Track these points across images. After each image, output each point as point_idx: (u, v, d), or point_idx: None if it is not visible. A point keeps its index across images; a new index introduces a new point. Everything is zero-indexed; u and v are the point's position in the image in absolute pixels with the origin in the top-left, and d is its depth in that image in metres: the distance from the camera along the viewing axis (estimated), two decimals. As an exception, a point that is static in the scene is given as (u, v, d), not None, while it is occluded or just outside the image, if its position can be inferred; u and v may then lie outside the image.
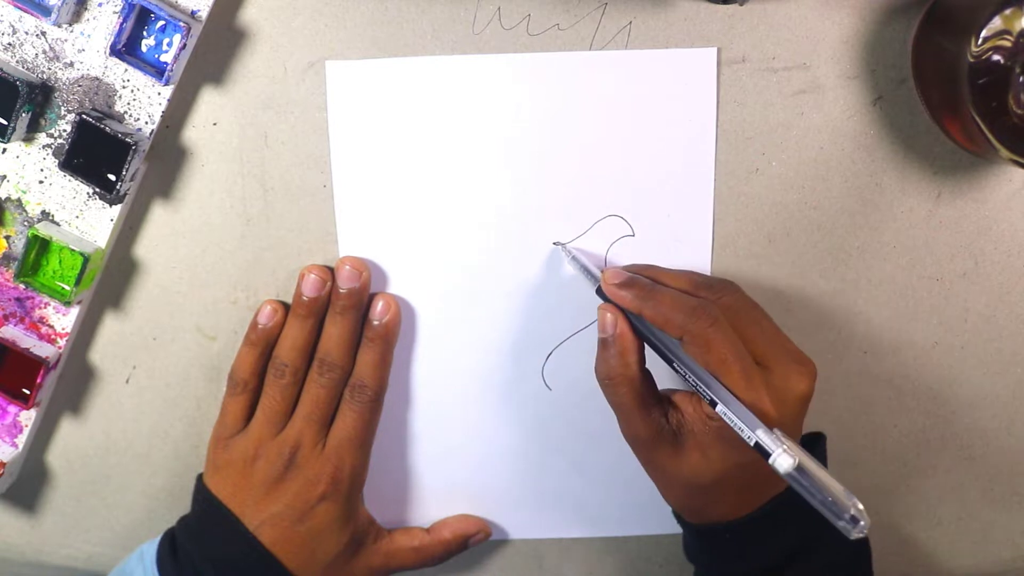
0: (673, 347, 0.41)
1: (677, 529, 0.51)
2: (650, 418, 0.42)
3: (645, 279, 0.43)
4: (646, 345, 0.43)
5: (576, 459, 0.51)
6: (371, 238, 0.48)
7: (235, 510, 0.46)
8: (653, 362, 0.43)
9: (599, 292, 0.44)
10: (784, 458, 0.36)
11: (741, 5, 0.45)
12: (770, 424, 0.38)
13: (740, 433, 0.38)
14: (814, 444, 0.46)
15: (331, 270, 0.48)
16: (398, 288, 0.49)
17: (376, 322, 0.47)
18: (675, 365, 0.41)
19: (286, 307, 0.48)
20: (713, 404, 0.39)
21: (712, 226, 0.48)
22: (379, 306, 0.47)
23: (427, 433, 0.51)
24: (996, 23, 0.39)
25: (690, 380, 0.40)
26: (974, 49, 0.40)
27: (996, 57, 0.40)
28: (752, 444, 0.37)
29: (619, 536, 0.52)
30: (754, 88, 0.46)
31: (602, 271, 0.44)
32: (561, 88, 0.46)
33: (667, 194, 0.47)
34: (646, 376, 0.43)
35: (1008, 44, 0.40)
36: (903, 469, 0.51)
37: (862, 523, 0.34)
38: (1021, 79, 0.40)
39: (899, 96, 0.46)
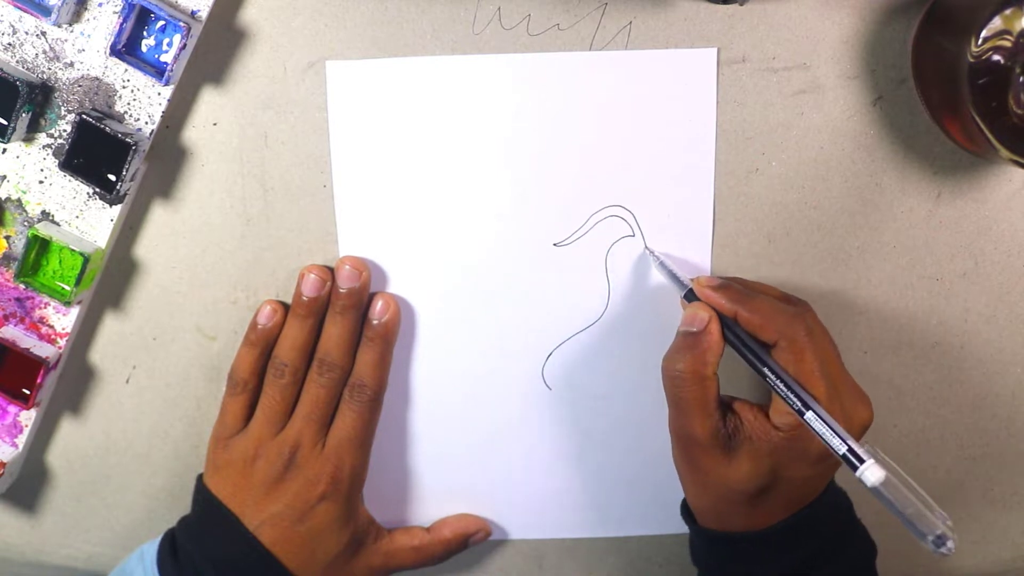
0: (761, 351, 0.41)
1: (677, 529, 0.52)
2: (710, 420, 0.42)
3: (738, 285, 0.44)
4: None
5: (576, 459, 0.51)
6: (371, 238, 0.48)
7: (235, 510, 0.46)
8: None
9: (688, 296, 0.44)
10: (874, 470, 0.36)
11: (741, 5, 0.45)
12: None
13: (829, 442, 0.38)
14: None
15: (331, 270, 0.48)
16: (398, 288, 0.49)
17: (376, 321, 0.47)
18: (763, 370, 0.41)
19: (285, 307, 0.48)
20: (801, 413, 0.39)
21: (712, 226, 0.48)
22: (379, 305, 0.47)
23: (427, 433, 0.51)
24: (996, 23, 0.39)
25: (775, 387, 0.40)
26: (974, 49, 0.40)
27: (996, 57, 0.40)
28: (841, 453, 0.37)
29: (619, 536, 0.52)
30: (754, 88, 0.46)
31: (693, 278, 0.45)
32: (561, 88, 0.46)
33: (667, 194, 0.47)
34: (716, 379, 0.43)
35: (1008, 44, 0.40)
36: (903, 469, 0.51)
37: (949, 542, 0.34)
38: (1021, 79, 0.40)
39: (899, 96, 0.46)
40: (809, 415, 0.39)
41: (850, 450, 0.37)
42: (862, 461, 0.36)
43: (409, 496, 0.51)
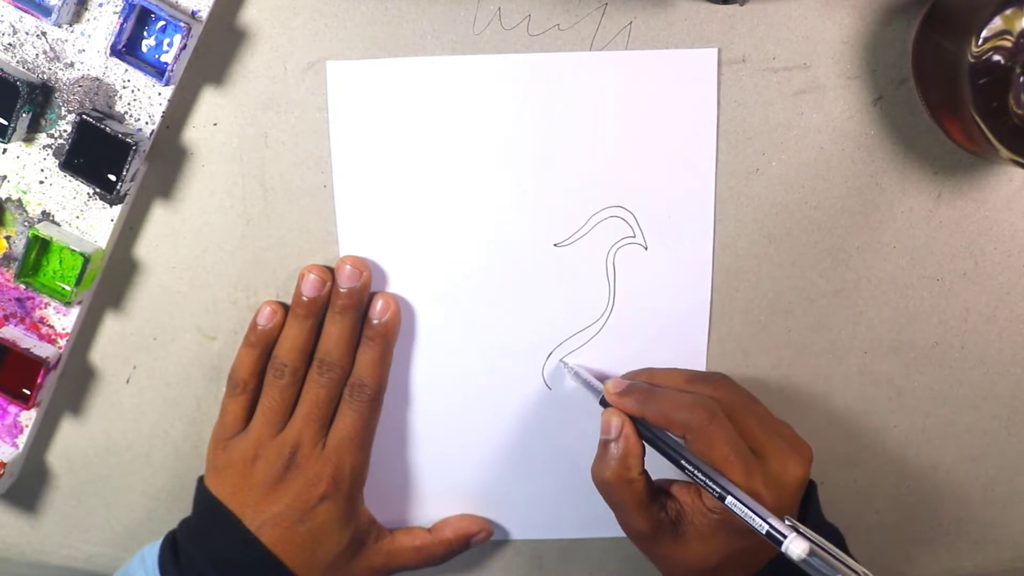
0: (677, 446, 0.42)
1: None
2: (649, 514, 0.43)
3: (643, 384, 0.45)
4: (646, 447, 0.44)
5: (576, 459, 0.51)
6: (371, 238, 0.48)
7: (236, 511, 0.46)
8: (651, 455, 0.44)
9: (602, 403, 0.45)
10: (797, 543, 0.37)
11: (741, 5, 0.45)
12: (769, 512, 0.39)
13: (751, 523, 0.39)
14: (807, 494, 0.46)
15: (331, 270, 0.48)
16: (398, 288, 0.49)
17: (376, 321, 0.47)
18: (680, 463, 0.42)
19: (285, 308, 0.48)
20: (721, 499, 0.40)
21: (712, 226, 0.48)
22: (379, 305, 0.47)
23: (427, 433, 0.51)
24: (996, 23, 0.39)
25: (695, 476, 0.41)
26: (974, 49, 0.40)
27: (996, 57, 0.40)
28: (764, 533, 0.38)
29: (619, 536, 0.52)
30: (754, 88, 0.46)
31: (604, 382, 0.46)
32: (561, 88, 0.46)
33: (667, 194, 0.47)
34: (646, 477, 0.44)
35: (1008, 44, 0.40)
36: (903, 469, 0.51)
37: None
38: (1021, 79, 0.40)
39: (899, 96, 0.46)
40: (729, 500, 0.40)
41: (771, 528, 0.38)
42: (785, 537, 0.37)
43: (410, 496, 0.51)
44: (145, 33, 0.44)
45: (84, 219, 0.46)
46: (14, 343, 0.47)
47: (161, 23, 0.44)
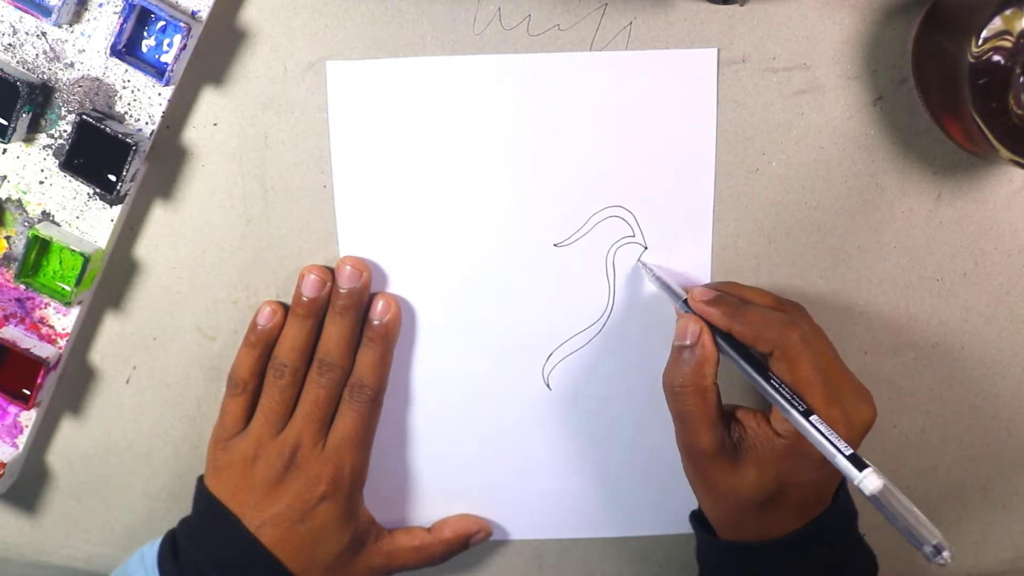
0: (754, 363, 0.42)
1: (677, 529, 0.52)
2: (714, 431, 0.42)
3: (732, 297, 0.44)
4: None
5: (576, 459, 0.51)
6: (371, 238, 0.48)
7: (235, 511, 0.46)
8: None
9: (683, 307, 0.44)
10: (872, 479, 0.36)
11: (741, 5, 0.45)
12: None
13: (824, 449, 0.38)
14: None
15: (331, 270, 0.48)
16: (398, 288, 0.49)
17: (376, 322, 0.47)
18: (759, 378, 0.41)
19: (285, 308, 0.48)
20: (806, 415, 0.39)
21: (712, 226, 0.48)
22: (379, 306, 0.47)
23: (427, 433, 0.51)
24: (996, 23, 0.39)
25: (773, 393, 0.40)
26: (974, 49, 0.40)
27: (996, 57, 0.40)
28: (837, 462, 0.37)
29: (619, 536, 0.52)
30: (754, 88, 0.46)
31: (687, 288, 0.45)
32: (561, 89, 0.46)
33: (667, 194, 0.47)
34: (716, 389, 0.43)
35: (1008, 44, 0.40)
36: (903, 469, 0.51)
37: (946, 552, 0.34)
38: (1021, 79, 0.40)
39: (899, 96, 0.46)
40: (805, 424, 0.39)
41: (851, 457, 0.37)
42: (861, 468, 0.36)
43: (410, 496, 0.51)
44: (145, 33, 0.44)
45: (84, 219, 0.46)
46: (14, 343, 0.47)
47: (161, 23, 0.44)
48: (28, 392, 0.47)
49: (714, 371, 0.43)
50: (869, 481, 0.36)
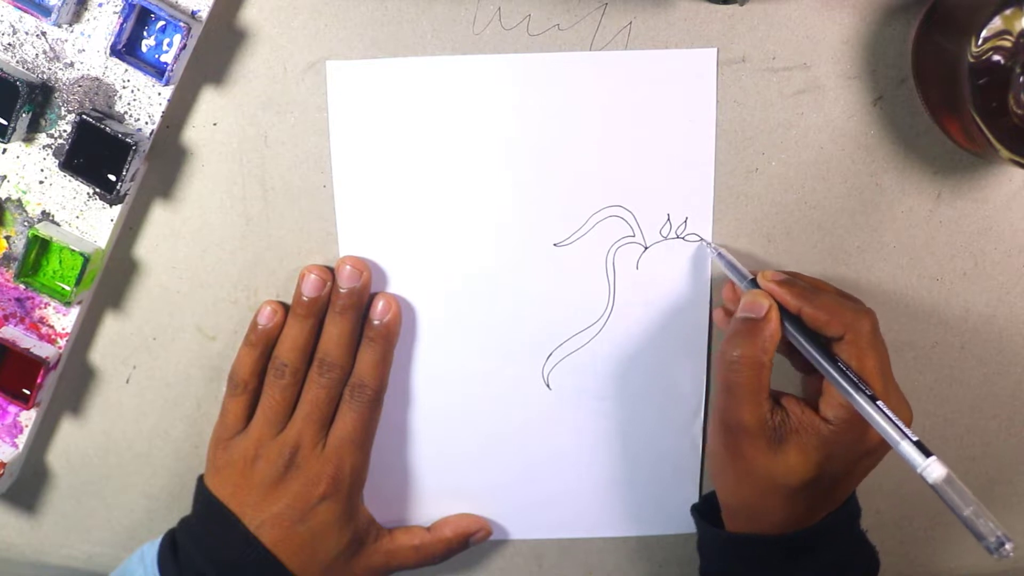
0: (818, 347, 0.41)
1: (676, 529, 0.52)
2: (760, 408, 0.42)
3: (802, 280, 0.44)
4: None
5: (576, 459, 0.51)
6: (371, 238, 0.48)
7: (235, 510, 0.46)
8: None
9: (749, 285, 0.44)
10: (936, 467, 0.36)
11: (741, 5, 0.45)
12: None
13: (888, 435, 0.38)
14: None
15: (331, 270, 0.48)
16: (398, 288, 0.49)
17: (376, 322, 0.47)
18: (820, 362, 0.41)
19: (286, 308, 0.48)
20: (873, 399, 0.39)
21: (712, 226, 0.48)
22: (379, 306, 0.47)
23: (427, 433, 0.51)
24: (996, 23, 0.39)
25: (835, 378, 0.40)
26: (974, 49, 0.40)
27: (996, 57, 0.40)
28: (901, 448, 0.37)
29: (619, 536, 0.52)
30: (754, 88, 0.46)
31: (754, 272, 0.45)
32: (561, 88, 0.46)
33: (667, 194, 0.47)
34: (770, 368, 0.43)
35: (1008, 44, 0.40)
36: (903, 469, 0.51)
37: (1008, 544, 0.34)
38: (1021, 79, 0.40)
39: (899, 96, 0.46)
40: (870, 409, 0.39)
41: (916, 443, 0.37)
42: (927, 455, 0.36)
43: (410, 496, 0.51)
44: (145, 33, 0.44)
45: (84, 219, 0.46)
46: (14, 343, 0.47)
47: (161, 23, 0.44)
48: (28, 392, 0.47)
49: (774, 348, 0.42)
50: (933, 469, 0.36)
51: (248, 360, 0.47)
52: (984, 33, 0.39)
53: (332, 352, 0.47)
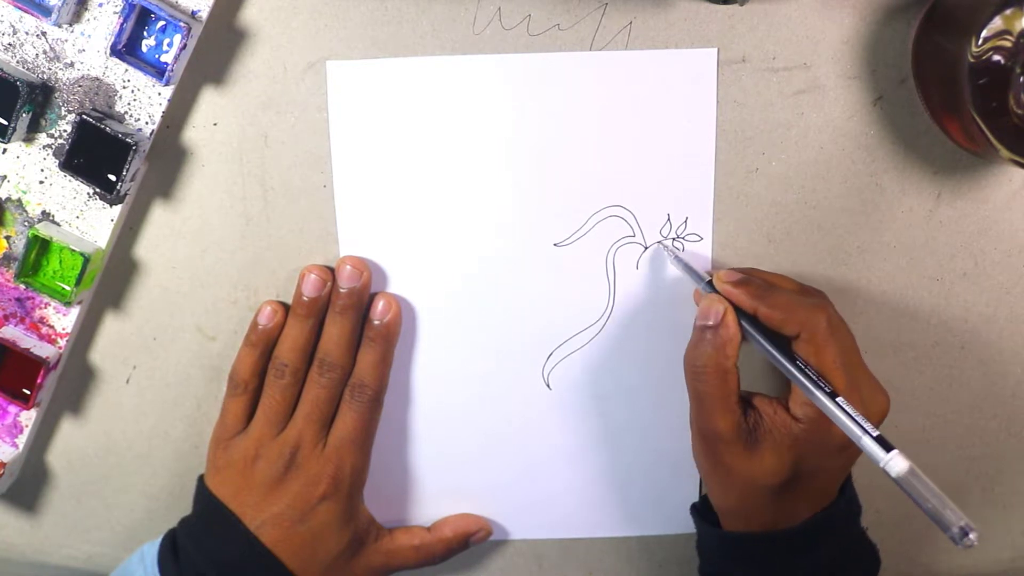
0: (778, 346, 0.41)
1: (676, 529, 0.52)
2: (732, 414, 0.42)
3: (758, 279, 0.44)
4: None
5: (576, 459, 0.51)
6: (371, 238, 0.48)
7: (236, 510, 0.46)
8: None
9: (704, 289, 0.44)
10: (898, 460, 0.36)
11: (741, 5, 0.45)
12: None
13: (850, 431, 0.38)
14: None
15: (331, 270, 0.48)
16: (398, 288, 0.49)
17: (377, 322, 0.47)
18: (780, 361, 0.41)
19: (286, 308, 0.48)
20: (827, 400, 0.39)
21: (712, 226, 0.48)
22: (380, 306, 0.47)
23: (428, 433, 0.51)
24: (996, 23, 0.39)
25: (797, 377, 0.40)
26: (974, 49, 0.40)
27: (996, 57, 0.40)
28: (863, 443, 0.37)
29: (619, 536, 0.52)
30: (754, 88, 0.46)
31: (710, 272, 0.45)
32: (561, 88, 0.46)
33: (667, 194, 0.47)
34: (737, 372, 0.43)
35: (1008, 44, 0.40)
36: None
37: (972, 534, 0.34)
38: (1021, 79, 0.40)
39: (899, 96, 0.46)
40: (831, 406, 0.39)
41: (877, 438, 0.37)
42: (888, 450, 0.36)
43: (410, 496, 0.51)
44: (145, 33, 0.44)
45: (84, 219, 0.46)
46: (14, 343, 0.47)
47: (161, 23, 0.44)
48: (28, 392, 0.47)
49: (736, 352, 0.42)
50: (895, 463, 0.36)
51: (248, 360, 0.47)
52: (984, 33, 0.39)
53: (332, 352, 0.47)
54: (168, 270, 0.49)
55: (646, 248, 0.48)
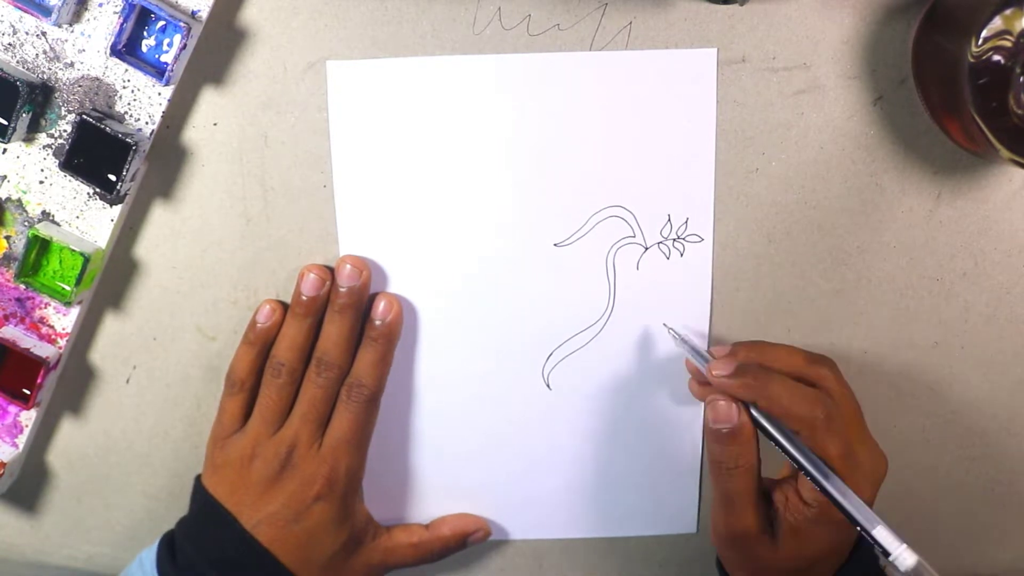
0: (786, 432, 0.42)
1: (677, 529, 0.52)
2: (759, 510, 0.43)
3: (754, 365, 0.43)
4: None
5: (576, 459, 0.51)
6: (371, 238, 0.48)
7: (232, 509, 0.46)
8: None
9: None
10: (907, 555, 0.37)
11: (741, 5, 0.45)
12: None
13: (859, 526, 0.39)
14: None
15: (331, 269, 0.48)
16: (398, 288, 0.49)
17: (378, 322, 0.47)
18: (789, 452, 0.42)
19: (285, 307, 0.48)
20: (826, 492, 0.40)
21: (712, 226, 0.48)
22: (381, 306, 0.47)
23: (428, 433, 0.51)
24: (996, 23, 0.39)
25: (806, 468, 0.41)
26: (974, 49, 0.40)
27: (996, 57, 0.40)
28: (870, 538, 0.39)
29: (619, 536, 0.52)
30: (754, 88, 0.46)
31: (709, 359, 0.44)
32: (561, 88, 0.46)
33: (667, 194, 0.47)
34: (759, 464, 0.43)
35: (1008, 44, 0.40)
36: (903, 469, 0.51)
37: None
38: (1021, 79, 0.40)
39: (899, 96, 0.46)
40: (841, 500, 0.40)
41: (878, 539, 0.39)
42: (898, 544, 0.38)
43: (410, 496, 0.51)
44: (145, 33, 0.44)
45: (84, 219, 0.46)
46: (14, 343, 0.47)
47: (161, 23, 0.44)
48: (28, 392, 0.47)
49: (757, 447, 0.43)
50: (904, 558, 0.37)
51: (246, 359, 0.47)
52: (984, 33, 0.39)
53: (330, 352, 0.47)
54: (168, 270, 0.49)
55: (646, 248, 0.48)
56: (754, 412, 0.42)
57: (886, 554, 0.38)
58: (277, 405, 0.47)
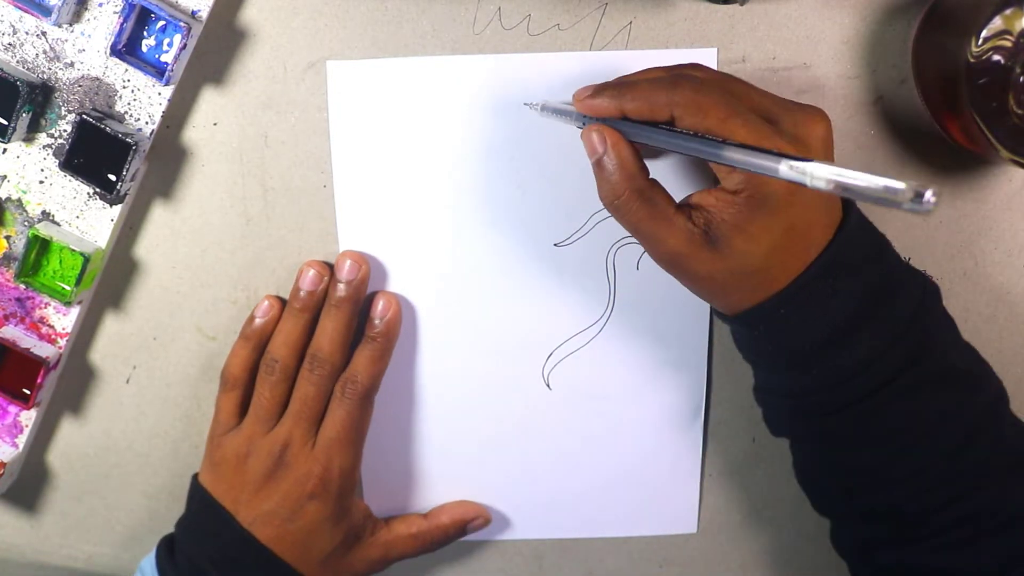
0: (669, 131, 0.38)
1: (676, 529, 0.52)
2: (676, 227, 0.39)
3: (611, 81, 0.41)
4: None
5: (576, 459, 0.51)
6: (371, 238, 0.48)
7: (229, 507, 0.46)
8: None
9: (583, 121, 0.41)
10: (819, 168, 0.31)
11: (741, 5, 0.45)
12: None
13: (759, 167, 0.33)
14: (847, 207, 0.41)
15: (331, 266, 0.48)
16: (399, 288, 0.49)
17: (377, 320, 0.47)
18: (677, 143, 0.37)
19: (284, 304, 0.48)
20: (723, 143, 0.35)
21: (712, 226, 0.48)
22: (380, 305, 0.47)
23: (428, 433, 0.51)
24: (996, 23, 0.39)
25: (691, 148, 0.37)
26: (974, 49, 0.40)
27: (996, 57, 0.40)
28: (780, 172, 0.32)
29: (619, 536, 0.52)
30: (754, 88, 0.46)
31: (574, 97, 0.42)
32: (562, 88, 0.46)
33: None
34: (655, 184, 0.40)
35: (1008, 44, 0.40)
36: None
37: (927, 193, 0.28)
38: (1021, 79, 0.40)
39: (899, 96, 0.46)
40: (736, 157, 0.34)
41: (789, 157, 0.32)
42: (804, 160, 0.31)
43: (411, 497, 0.51)
44: (145, 33, 0.44)
45: (84, 219, 0.46)
46: (14, 343, 0.47)
47: (161, 23, 0.44)
48: (28, 392, 0.47)
49: (639, 166, 0.40)
50: (819, 172, 0.30)
51: (240, 355, 0.47)
52: (984, 33, 0.40)
53: (324, 348, 0.46)
54: (168, 270, 0.49)
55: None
56: (626, 128, 0.39)
57: (801, 181, 0.31)
58: (270, 403, 0.47)
